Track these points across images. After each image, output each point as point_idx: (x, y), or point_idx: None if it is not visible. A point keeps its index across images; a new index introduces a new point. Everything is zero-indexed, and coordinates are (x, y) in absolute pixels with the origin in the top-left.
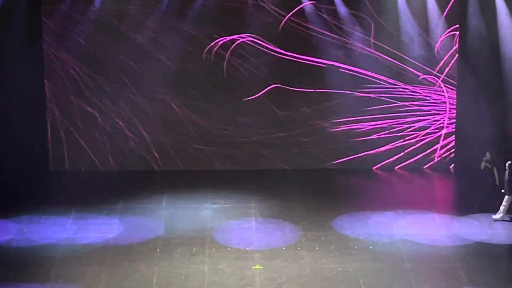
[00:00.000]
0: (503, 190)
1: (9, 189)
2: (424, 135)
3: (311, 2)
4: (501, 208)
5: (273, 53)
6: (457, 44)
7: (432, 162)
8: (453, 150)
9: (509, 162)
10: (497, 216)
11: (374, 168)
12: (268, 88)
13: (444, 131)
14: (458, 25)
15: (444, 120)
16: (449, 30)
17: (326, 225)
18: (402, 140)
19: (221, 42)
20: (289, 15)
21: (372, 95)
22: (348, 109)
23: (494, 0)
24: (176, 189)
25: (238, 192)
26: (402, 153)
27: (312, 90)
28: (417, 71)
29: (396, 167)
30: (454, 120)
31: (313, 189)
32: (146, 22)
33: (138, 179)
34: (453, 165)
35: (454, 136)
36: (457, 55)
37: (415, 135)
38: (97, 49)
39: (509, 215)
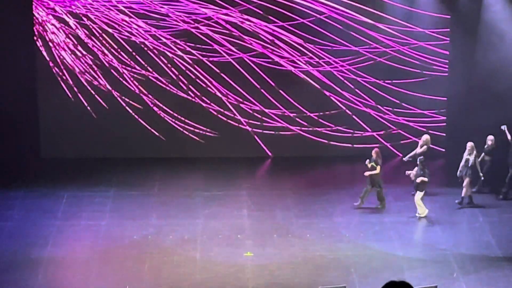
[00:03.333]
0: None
1: (0, 176)
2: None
3: None
4: (417, 206)
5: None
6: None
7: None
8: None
9: (421, 157)
10: (419, 214)
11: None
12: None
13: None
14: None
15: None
16: None
17: (317, 212)
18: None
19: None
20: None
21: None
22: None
23: None
24: (168, 176)
25: (230, 179)
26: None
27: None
28: None
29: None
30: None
31: (305, 177)
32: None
33: (130, 166)
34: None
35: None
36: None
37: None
38: (91, 30)
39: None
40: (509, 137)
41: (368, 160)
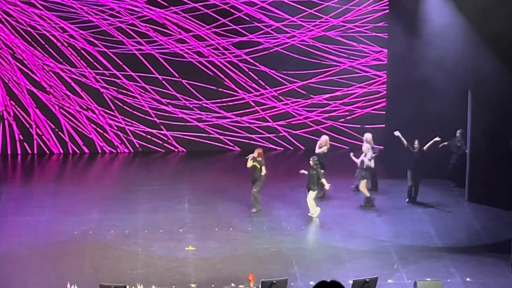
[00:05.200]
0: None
1: None
2: None
3: None
4: (309, 204)
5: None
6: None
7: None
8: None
9: (314, 157)
10: (313, 214)
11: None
12: None
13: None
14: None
15: None
16: None
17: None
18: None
19: None
20: None
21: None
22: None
23: None
24: (108, 171)
25: (171, 173)
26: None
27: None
28: None
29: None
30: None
31: (247, 171)
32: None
33: (70, 161)
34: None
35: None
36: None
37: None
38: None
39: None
40: (404, 142)
41: (251, 157)
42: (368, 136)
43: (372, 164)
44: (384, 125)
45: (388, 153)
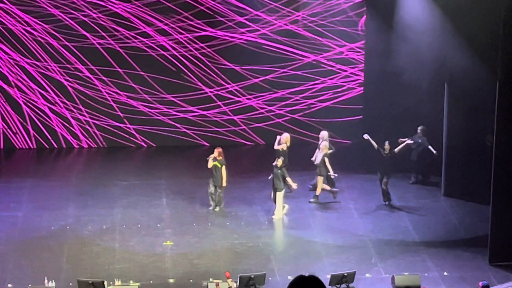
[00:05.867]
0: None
1: None
2: None
3: None
4: (277, 206)
5: None
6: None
7: None
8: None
9: (282, 158)
10: (276, 216)
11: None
12: None
13: None
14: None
15: None
16: None
17: (237, 200)
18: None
19: None
20: None
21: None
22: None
23: None
24: (85, 166)
25: (149, 168)
26: None
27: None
28: None
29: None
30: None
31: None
32: None
33: (40, 156)
34: None
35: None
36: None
37: None
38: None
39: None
40: (374, 145)
41: (212, 157)
42: (324, 133)
43: (325, 162)
44: (361, 116)
45: (364, 148)
